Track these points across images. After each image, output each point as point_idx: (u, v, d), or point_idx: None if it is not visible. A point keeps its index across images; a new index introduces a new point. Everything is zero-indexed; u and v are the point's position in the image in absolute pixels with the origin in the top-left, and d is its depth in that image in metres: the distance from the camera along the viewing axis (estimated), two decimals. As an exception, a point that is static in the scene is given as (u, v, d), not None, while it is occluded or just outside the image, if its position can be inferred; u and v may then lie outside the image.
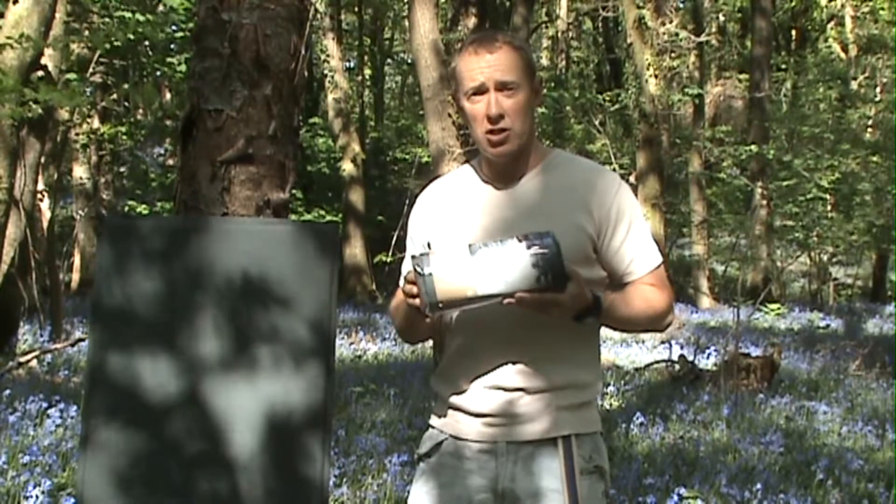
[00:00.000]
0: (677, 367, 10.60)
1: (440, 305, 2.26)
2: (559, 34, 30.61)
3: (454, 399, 2.55)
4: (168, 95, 19.70)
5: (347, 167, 23.46)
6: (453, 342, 2.56)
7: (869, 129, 23.99)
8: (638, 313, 2.49)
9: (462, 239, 2.42)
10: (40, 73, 9.86)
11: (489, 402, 2.48)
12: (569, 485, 2.41)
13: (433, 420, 2.63)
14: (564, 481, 2.42)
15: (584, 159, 2.65)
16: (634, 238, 2.50)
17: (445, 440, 2.56)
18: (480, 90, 2.45)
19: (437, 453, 2.57)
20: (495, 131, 2.46)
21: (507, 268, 2.22)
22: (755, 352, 11.89)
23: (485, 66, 2.44)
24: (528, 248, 2.22)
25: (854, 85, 28.22)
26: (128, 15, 11.60)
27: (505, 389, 2.47)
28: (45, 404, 6.77)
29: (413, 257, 2.34)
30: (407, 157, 24.55)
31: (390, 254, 22.17)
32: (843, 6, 29.52)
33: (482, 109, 2.46)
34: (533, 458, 2.45)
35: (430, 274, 2.23)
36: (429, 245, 2.56)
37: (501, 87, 2.44)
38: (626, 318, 2.50)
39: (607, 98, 23.56)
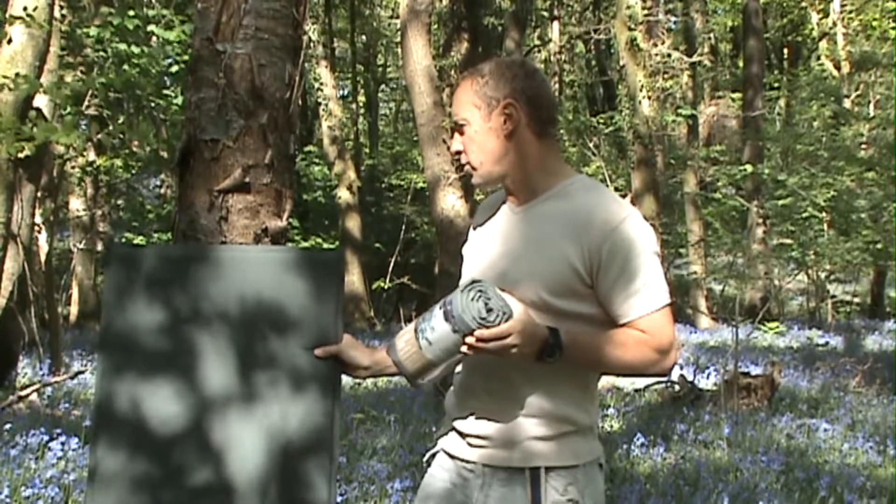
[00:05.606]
0: (677, 387, 10.59)
1: (418, 380, 2.48)
2: (552, 57, 30.71)
3: (450, 414, 2.63)
4: (164, 128, 19.73)
5: (343, 195, 23.49)
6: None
7: (863, 147, 24.04)
8: (609, 357, 2.40)
9: (478, 257, 2.60)
10: (34, 112, 9.86)
11: (471, 423, 2.53)
12: None
13: (440, 430, 2.69)
14: None
15: (600, 190, 2.55)
16: (629, 279, 2.39)
17: (440, 452, 2.64)
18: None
19: (434, 462, 2.66)
20: (462, 165, 2.60)
21: (435, 332, 2.37)
22: (755, 370, 11.89)
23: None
24: (440, 308, 2.35)
25: (847, 102, 28.33)
26: (122, 47, 11.61)
27: (485, 412, 2.50)
28: (46, 437, 6.76)
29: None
30: (403, 183, 24.55)
31: (388, 280, 22.21)
32: (834, 24, 29.67)
33: None
34: (505, 484, 2.47)
35: (399, 361, 2.45)
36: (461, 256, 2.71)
37: (457, 125, 2.53)
38: (596, 361, 2.42)
39: (601, 120, 23.61)
